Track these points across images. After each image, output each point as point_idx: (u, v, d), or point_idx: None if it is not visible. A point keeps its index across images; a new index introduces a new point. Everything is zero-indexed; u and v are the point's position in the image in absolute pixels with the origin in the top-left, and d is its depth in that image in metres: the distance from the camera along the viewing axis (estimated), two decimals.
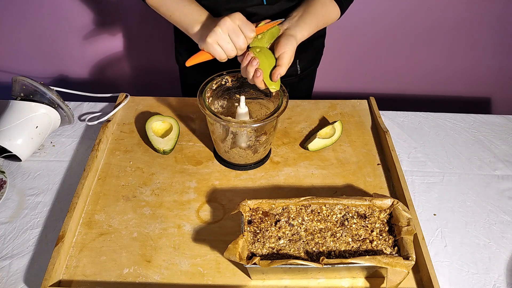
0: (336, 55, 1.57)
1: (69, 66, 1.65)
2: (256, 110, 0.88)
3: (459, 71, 1.64)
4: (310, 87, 1.20)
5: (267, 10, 0.91)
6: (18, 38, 1.55)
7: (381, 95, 1.71)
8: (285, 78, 0.80)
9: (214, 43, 0.75)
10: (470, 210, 0.82)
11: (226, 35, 0.74)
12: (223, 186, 0.84)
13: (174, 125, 0.92)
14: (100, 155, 0.88)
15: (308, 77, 1.15)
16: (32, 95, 0.89)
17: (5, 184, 0.83)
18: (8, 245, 0.75)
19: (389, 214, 0.70)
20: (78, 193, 0.78)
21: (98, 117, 0.97)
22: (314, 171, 0.87)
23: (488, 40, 1.54)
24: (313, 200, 0.70)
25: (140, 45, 1.58)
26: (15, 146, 0.85)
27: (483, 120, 1.03)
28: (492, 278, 0.72)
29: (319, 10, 0.86)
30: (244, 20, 0.75)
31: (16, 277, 0.70)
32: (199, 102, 0.78)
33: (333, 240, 0.67)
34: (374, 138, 0.95)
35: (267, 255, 0.65)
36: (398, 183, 0.82)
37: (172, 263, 0.71)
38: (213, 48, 0.75)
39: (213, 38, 0.74)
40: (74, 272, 0.70)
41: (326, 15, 0.88)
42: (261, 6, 0.91)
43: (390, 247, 0.67)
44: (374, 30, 1.51)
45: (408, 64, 1.62)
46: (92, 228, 0.76)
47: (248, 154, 0.84)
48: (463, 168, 0.91)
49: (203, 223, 0.77)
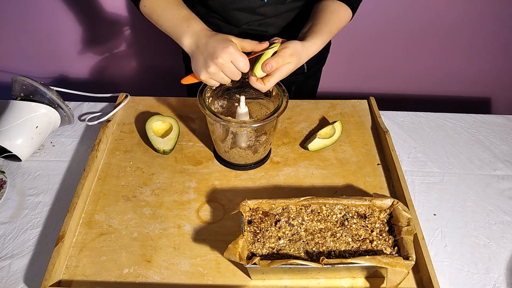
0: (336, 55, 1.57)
1: (69, 66, 1.65)
2: (256, 110, 0.88)
3: (459, 71, 1.64)
4: (315, 85, 1.21)
5: (274, 9, 0.91)
6: (18, 38, 1.55)
7: (381, 95, 1.71)
8: (292, 76, 0.79)
9: (208, 79, 0.75)
10: (470, 210, 0.82)
11: (220, 72, 0.73)
12: (223, 186, 0.84)
13: (174, 125, 0.92)
14: (100, 155, 0.88)
15: (314, 75, 1.15)
16: (32, 95, 0.89)
17: (5, 184, 0.83)
18: (8, 245, 0.75)
19: (389, 214, 0.70)
20: (78, 193, 0.78)
21: (98, 117, 0.97)
22: (314, 171, 0.87)
23: (488, 40, 1.54)
24: (313, 200, 0.70)
25: (140, 45, 1.58)
26: (15, 146, 0.85)
27: (483, 120, 1.03)
28: (492, 278, 0.72)
29: (329, 18, 0.83)
30: (236, 55, 0.71)
31: (16, 277, 0.70)
32: (199, 102, 0.78)
33: (333, 240, 0.67)
34: (374, 138, 0.95)
35: (267, 255, 0.65)
36: (398, 183, 0.82)
37: (172, 263, 0.71)
38: (207, 82, 0.75)
39: (206, 76, 0.74)
40: (74, 272, 0.70)
41: (338, 21, 0.85)
42: (269, 6, 0.90)
43: (390, 247, 0.67)
44: (375, 30, 1.51)
45: (409, 64, 1.62)
46: (92, 228, 0.76)
47: (248, 154, 0.84)
48: (463, 168, 0.91)
49: (203, 223, 0.77)
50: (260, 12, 0.91)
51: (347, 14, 0.87)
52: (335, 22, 0.84)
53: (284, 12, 0.92)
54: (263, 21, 0.93)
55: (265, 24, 0.93)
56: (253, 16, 0.92)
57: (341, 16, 0.86)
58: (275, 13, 0.91)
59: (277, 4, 0.90)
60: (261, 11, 0.91)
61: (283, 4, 0.90)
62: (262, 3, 0.89)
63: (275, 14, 0.91)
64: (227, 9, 0.90)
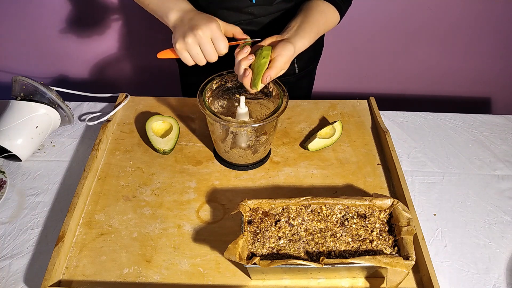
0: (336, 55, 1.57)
1: (69, 66, 1.65)
2: (256, 110, 0.88)
3: (459, 71, 1.64)
4: (309, 86, 1.20)
5: (262, 10, 0.91)
6: (18, 38, 1.55)
7: (381, 95, 1.71)
8: (283, 77, 0.80)
9: (182, 49, 0.73)
10: (470, 210, 0.82)
11: (196, 45, 0.72)
12: (223, 186, 0.84)
13: (174, 125, 0.92)
14: (100, 155, 0.88)
15: (307, 76, 1.14)
16: (32, 95, 0.89)
17: (5, 184, 0.83)
18: (8, 245, 0.75)
19: (389, 214, 0.70)
20: (78, 193, 0.78)
21: (98, 117, 0.97)
22: (314, 171, 0.87)
23: (488, 40, 1.54)
24: (313, 200, 0.70)
25: (140, 45, 1.58)
26: (15, 146, 0.85)
27: (483, 120, 1.03)
28: (492, 278, 0.72)
29: (317, 18, 0.84)
30: (218, 34, 0.71)
31: (16, 277, 0.70)
32: (199, 102, 0.78)
33: (333, 240, 0.67)
34: (374, 138, 0.95)
35: (267, 255, 0.65)
36: (398, 183, 0.82)
37: (172, 263, 0.71)
38: (181, 53, 0.74)
39: (182, 46, 0.73)
40: (74, 272, 0.70)
41: (326, 22, 0.86)
42: (258, 7, 0.90)
43: (390, 247, 0.67)
44: (374, 30, 1.51)
45: (408, 64, 1.62)
46: (92, 228, 0.76)
47: (248, 154, 0.84)
48: (463, 168, 0.91)
49: (203, 223, 0.77)
50: (248, 11, 0.91)
51: (335, 17, 0.88)
52: (324, 23, 0.85)
53: (273, 13, 0.92)
54: (251, 20, 0.93)
55: (254, 23, 0.93)
56: (241, 15, 0.92)
57: (329, 18, 0.87)
58: (264, 13, 0.91)
59: (265, 6, 0.90)
60: (249, 10, 0.91)
61: (270, 5, 0.90)
62: (251, 3, 0.89)
63: (263, 14, 0.92)
64: (215, 8, 0.90)
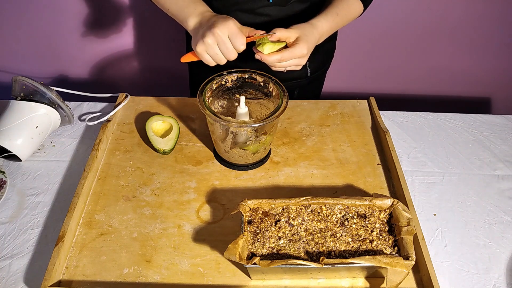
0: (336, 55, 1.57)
1: (69, 66, 1.65)
2: (256, 110, 0.88)
3: (459, 71, 1.64)
4: (319, 90, 1.19)
5: (277, 11, 0.91)
6: (18, 38, 1.55)
7: (381, 95, 1.71)
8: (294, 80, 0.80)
9: (203, 52, 0.74)
10: (470, 210, 0.82)
11: (215, 45, 0.73)
12: (223, 186, 0.84)
13: (174, 125, 0.92)
14: (100, 155, 0.88)
15: (317, 80, 1.14)
16: (32, 95, 0.89)
17: (5, 184, 0.83)
18: (8, 245, 0.75)
19: (389, 214, 0.70)
20: (78, 193, 0.78)
21: (98, 117, 0.97)
22: (314, 171, 0.87)
23: (488, 40, 1.54)
24: (313, 200, 0.70)
25: (140, 45, 1.58)
26: (15, 146, 0.85)
27: (483, 120, 1.03)
28: (492, 278, 0.72)
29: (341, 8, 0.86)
30: (235, 31, 0.72)
31: (16, 277, 0.70)
32: (199, 102, 0.78)
33: (333, 240, 0.67)
34: (374, 138, 0.95)
35: (267, 255, 0.65)
36: (398, 183, 0.82)
37: (172, 263, 0.71)
38: (202, 56, 0.75)
39: (202, 48, 0.74)
40: (74, 272, 0.70)
41: (349, 13, 0.88)
42: (272, 7, 0.90)
43: (390, 247, 0.67)
44: (374, 30, 1.51)
45: (408, 64, 1.62)
46: (92, 228, 0.76)
47: (248, 154, 0.84)
48: (463, 168, 0.91)
49: (203, 223, 0.77)
50: (263, 12, 0.90)
51: (358, 7, 0.89)
52: (344, 8, 0.87)
53: (288, 14, 0.92)
54: (266, 22, 0.93)
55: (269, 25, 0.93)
56: (256, 17, 0.91)
57: (351, 5, 0.88)
58: (279, 15, 0.91)
59: (280, 6, 0.90)
60: (264, 11, 0.90)
61: (285, 6, 0.90)
62: (267, 3, 0.89)
63: (278, 16, 0.91)
64: (230, 10, 0.90)
